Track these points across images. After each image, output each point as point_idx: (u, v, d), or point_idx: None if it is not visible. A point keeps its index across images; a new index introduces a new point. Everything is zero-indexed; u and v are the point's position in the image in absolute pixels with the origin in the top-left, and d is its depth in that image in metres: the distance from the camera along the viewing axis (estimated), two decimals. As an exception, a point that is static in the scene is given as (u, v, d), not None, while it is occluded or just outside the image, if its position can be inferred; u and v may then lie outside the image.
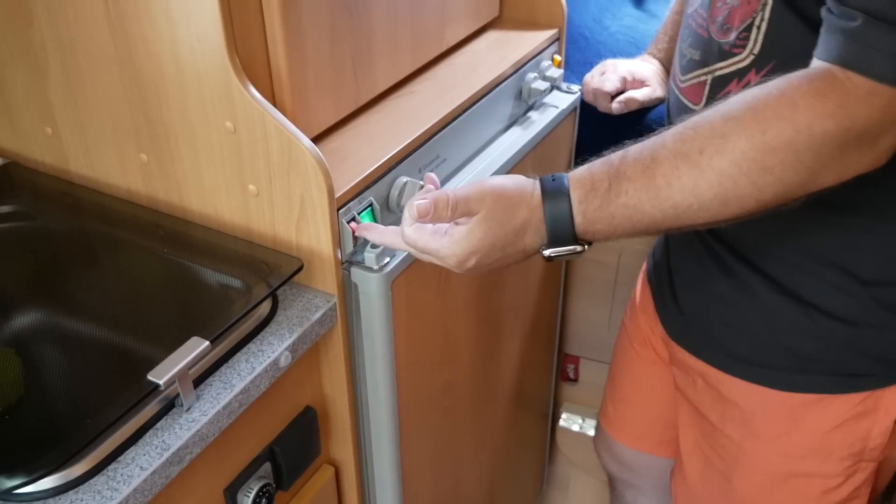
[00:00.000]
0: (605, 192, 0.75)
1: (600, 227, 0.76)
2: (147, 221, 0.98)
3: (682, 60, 0.98)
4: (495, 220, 0.77)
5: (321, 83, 0.92)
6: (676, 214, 0.74)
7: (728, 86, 0.89)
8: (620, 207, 0.74)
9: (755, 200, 0.73)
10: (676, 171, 0.72)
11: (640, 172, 0.74)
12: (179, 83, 0.86)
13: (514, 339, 1.36)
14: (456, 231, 0.78)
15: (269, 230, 0.91)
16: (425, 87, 1.09)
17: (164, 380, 0.72)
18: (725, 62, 0.89)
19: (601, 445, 1.43)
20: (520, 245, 0.79)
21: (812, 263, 0.92)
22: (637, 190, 0.74)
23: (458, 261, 0.79)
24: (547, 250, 0.78)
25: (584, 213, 0.76)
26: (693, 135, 0.73)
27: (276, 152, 0.84)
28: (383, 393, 0.98)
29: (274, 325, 0.87)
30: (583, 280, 1.56)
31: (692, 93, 0.95)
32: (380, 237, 0.87)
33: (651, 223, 0.75)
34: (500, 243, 0.78)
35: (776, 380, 0.99)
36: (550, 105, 1.24)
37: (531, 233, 0.78)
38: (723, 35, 0.89)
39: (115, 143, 0.96)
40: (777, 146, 0.70)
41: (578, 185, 0.76)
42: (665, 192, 0.73)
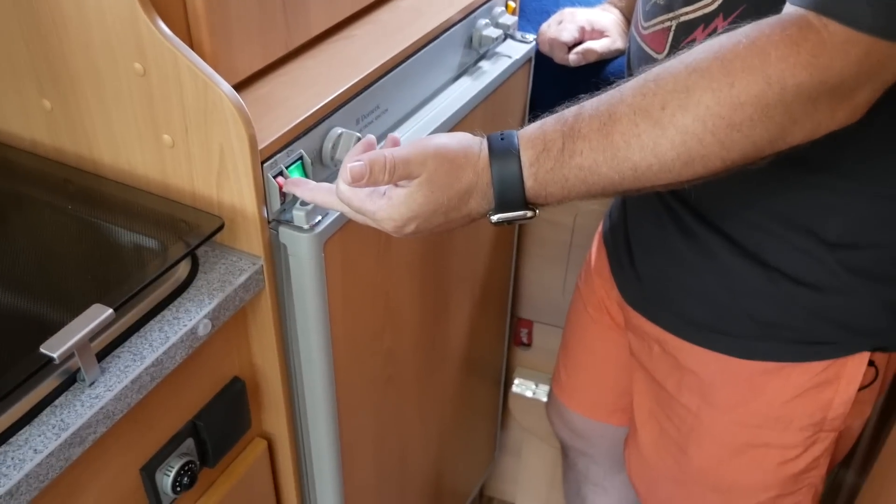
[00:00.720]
0: (559, 153, 0.69)
1: (553, 191, 0.71)
2: (54, 176, 0.89)
3: (645, 6, 0.92)
4: (437, 184, 0.71)
5: (245, 22, 0.83)
6: (636, 176, 0.69)
7: (693, 32, 0.83)
8: (574, 169, 0.69)
9: (721, 160, 0.67)
10: (636, 128, 0.67)
11: (596, 130, 0.68)
12: (81, 18, 0.77)
13: (464, 303, 1.30)
14: (395, 193, 0.72)
15: (187, 185, 0.82)
16: (366, 32, 1.00)
17: (58, 352, 0.64)
18: (691, 6, 0.83)
19: (553, 412, 1.39)
20: (464, 210, 0.73)
21: (776, 225, 0.88)
22: (593, 150, 0.68)
23: (395, 225, 0.73)
24: (494, 216, 0.73)
25: (536, 176, 0.70)
26: (654, 88, 0.67)
27: (191, 98, 0.75)
28: (318, 362, 0.91)
29: (193, 289, 0.79)
30: (536, 241, 1.51)
31: (655, 40, 0.89)
32: (310, 194, 0.79)
33: (608, 185, 0.70)
34: (442, 208, 0.72)
35: (736, 347, 0.96)
36: (503, 55, 1.17)
37: (477, 197, 0.72)
38: None
39: (14, 88, 0.87)
40: (746, 100, 0.64)
41: (529, 146, 0.70)
42: (623, 152, 0.67)
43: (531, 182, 0.70)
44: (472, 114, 1.09)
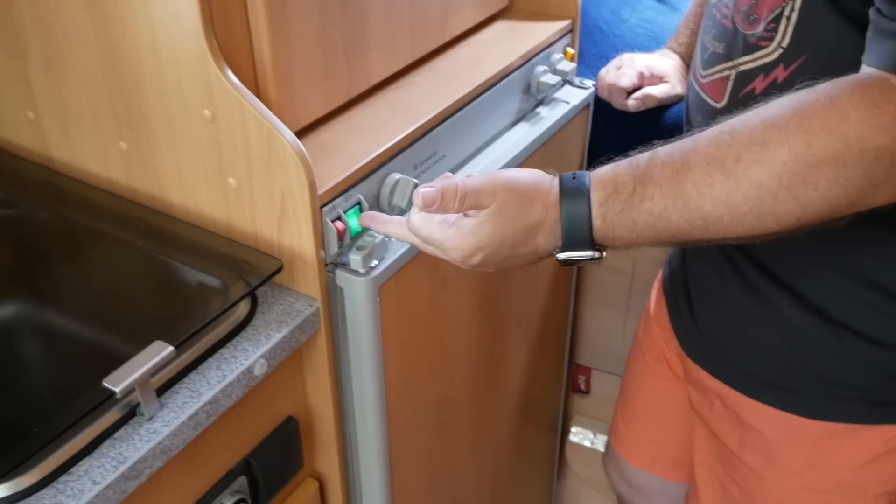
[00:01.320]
0: (629, 196, 0.69)
1: (620, 234, 0.70)
2: (127, 214, 0.93)
3: (703, 54, 0.91)
4: (506, 216, 0.72)
5: (309, 72, 0.86)
6: (706, 226, 0.68)
7: (753, 81, 0.83)
8: (644, 214, 0.69)
9: (795, 217, 0.66)
10: (709, 178, 0.66)
11: (668, 177, 0.68)
12: (157, 67, 0.80)
13: (521, 348, 1.30)
14: (464, 223, 0.73)
15: (249, 227, 0.85)
16: (425, 79, 1.03)
17: (120, 387, 0.67)
18: (751, 56, 0.83)
19: (611, 465, 1.36)
20: (531, 245, 0.73)
21: (844, 279, 0.85)
22: (664, 196, 0.68)
23: (462, 255, 0.74)
24: (561, 254, 0.73)
25: (604, 217, 0.70)
26: (730, 140, 0.67)
27: (256, 144, 0.78)
28: (371, 405, 0.92)
29: (251, 329, 0.81)
30: (596, 287, 1.50)
31: (714, 89, 0.89)
32: (383, 226, 0.82)
33: (677, 233, 0.69)
34: (509, 241, 0.73)
35: (802, 406, 0.92)
36: (561, 100, 1.18)
37: (545, 233, 0.72)
38: (749, 26, 0.82)
39: (95, 130, 0.91)
40: (823, 159, 0.63)
41: (600, 186, 0.70)
42: (695, 201, 0.67)
43: (599, 223, 0.70)
44: (529, 159, 1.10)
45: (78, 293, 0.87)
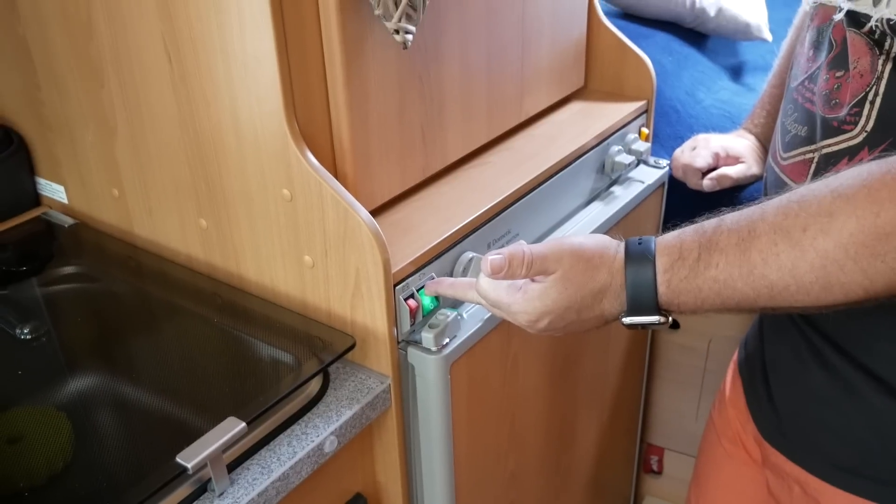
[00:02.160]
0: (694, 263, 0.69)
1: (686, 300, 0.70)
2: (204, 289, 0.95)
3: (784, 136, 0.90)
4: (572, 282, 0.73)
5: (386, 152, 0.88)
6: (771, 295, 0.67)
7: (837, 165, 0.81)
8: (709, 281, 0.69)
9: (863, 289, 0.65)
10: (775, 247, 0.66)
11: (734, 245, 0.68)
12: (238, 147, 0.83)
13: (592, 426, 1.27)
14: (531, 288, 0.74)
15: (323, 304, 0.86)
16: (501, 158, 1.04)
17: (192, 463, 0.67)
18: (834, 139, 0.81)
19: (684, 549, 1.31)
20: (597, 309, 0.74)
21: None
22: (729, 264, 0.68)
23: (529, 319, 0.75)
24: (626, 318, 0.73)
25: (669, 283, 0.70)
26: (797, 209, 0.66)
27: (332, 223, 0.80)
28: (440, 483, 0.91)
29: (322, 405, 0.82)
30: (669, 366, 1.47)
31: (795, 171, 0.88)
32: (451, 290, 0.83)
33: (742, 300, 0.69)
34: (575, 306, 0.73)
35: (885, 495, 0.88)
36: (636, 180, 1.18)
37: (610, 298, 0.73)
38: (831, 110, 0.81)
39: (176, 207, 0.94)
40: (891, 231, 0.62)
41: (665, 252, 0.71)
42: (760, 269, 0.67)
43: (664, 288, 0.70)
44: (603, 238, 1.09)
45: (154, 366, 0.89)
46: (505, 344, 0.95)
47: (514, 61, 1.04)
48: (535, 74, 1.09)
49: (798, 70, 0.90)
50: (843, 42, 0.81)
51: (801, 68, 0.89)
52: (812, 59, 0.87)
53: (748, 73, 1.53)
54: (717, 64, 1.52)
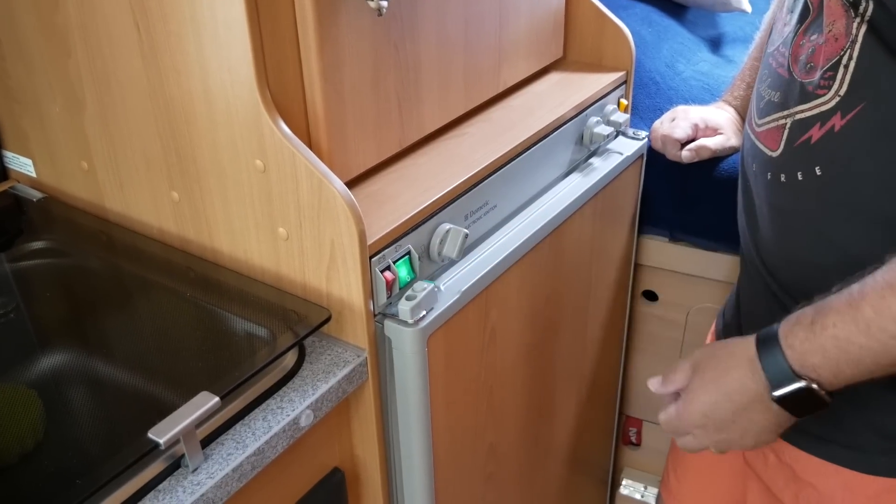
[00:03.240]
0: (810, 325, 0.74)
1: (816, 361, 0.74)
2: (177, 263, 0.94)
3: (759, 103, 0.90)
4: (707, 369, 0.81)
5: (361, 122, 0.86)
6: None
7: (809, 130, 0.81)
8: (830, 339, 0.73)
9: None
10: (884, 300, 0.69)
11: (845, 303, 0.72)
12: (210, 118, 0.81)
13: (570, 399, 1.27)
14: (683, 393, 0.83)
15: (298, 277, 0.85)
16: (478, 129, 1.02)
17: (165, 438, 0.66)
18: (808, 104, 0.81)
19: (662, 518, 1.32)
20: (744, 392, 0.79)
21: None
22: (844, 322, 0.72)
23: (691, 421, 0.83)
24: (775, 391, 0.77)
25: (793, 346, 0.75)
26: None
27: (306, 194, 0.78)
28: (418, 456, 0.91)
29: (298, 379, 0.81)
30: (647, 338, 1.48)
31: (769, 138, 0.87)
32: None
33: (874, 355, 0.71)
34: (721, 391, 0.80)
35: (859, 461, 0.90)
36: (615, 151, 1.17)
37: (750, 373, 0.78)
38: (806, 75, 0.81)
39: (147, 180, 0.92)
40: None
41: (785, 322, 0.77)
42: (877, 322, 0.70)
43: (790, 352, 0.75)
44: (581, 210, 1.09)
45: (126, 342, 0.88)
46: (482, 316, 0.95)
47: (491, 31, 1.02)
48: (513, 45, 1.07)
49: (775, 35, 0.90)
50: (819, 6, 0.80)
51: (778, 33, 0.89)
52: (788, 23, 0.86)
53: (727, 44, 1.52)
54: (696, 35, 1.51)
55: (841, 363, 0.73)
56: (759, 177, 0.89)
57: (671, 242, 1.35)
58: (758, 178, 0.90)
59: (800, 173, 0.82)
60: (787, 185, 0.84)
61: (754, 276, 0.95)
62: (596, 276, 1.23)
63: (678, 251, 1.35)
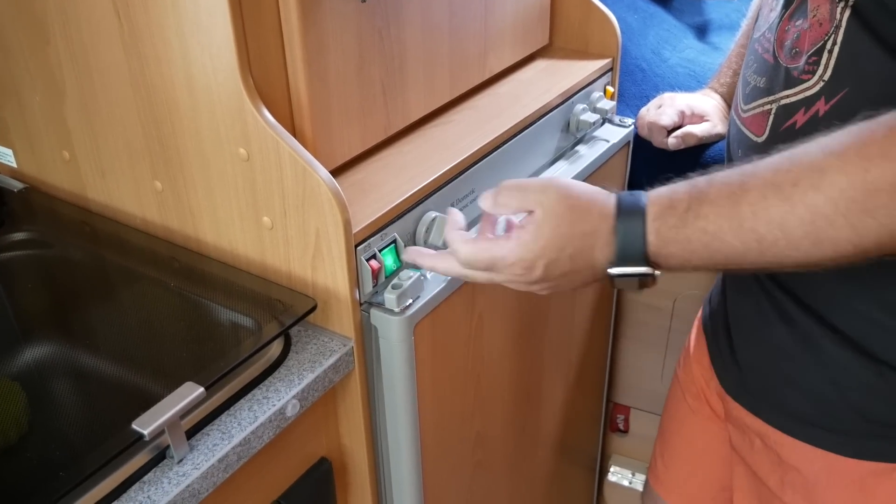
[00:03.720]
0: (684, 213, 0.68)
1: (674, 251, 0.69)
2: (161, 253, 0.93)
3: (745, 88, 0.90)
4: (563, 218, 0.71)
5: (346, 110, 0.86)
6: (760, 249, 0.67)
7: (794, 115, 0.81)
8: (698, 232, 0.68)
9: (852, 245, 0.65)
10: (765, 201, 0.66)
11: (724, 197, 0.67)
12: (192, 106, 0.80)
13: (558, 386, 1.27)
14: (523, 232, 0.72)
15: (283, 266, 0.84)
16: (464, 117, 1.02)
17: (149, 430, 0.66)
18: (792, 89, 0.81)
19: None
20: (588, 257, 0.72)
21: (885, 315, 0.83)
22: (719, 216, 0.67)
23: (524, 267, 0.72)
24: (614, 269, 0.71)
25: (658, 232, 0.69)
26: (788, 166, 0.66)
27: (291, 183, 0.78)
28: (405, 444, 0.91)
29: (284, 369, 0.80)
30: (634, 325, 1.48)
31: (754, 123, 0.87)
32: (430, 261, 0.79)
33: (731, 255, 0.68)
34: (569, 248, 0.72)
35: (843, 445, 0.90)
36: (601, 139, 1.17)
37: (600, 244, 0.71)
38: (791, 60, 0.81)
39: (130, 170, 0.91)
40: (881, 186, 0.62)
41: (656, 202, 0.70)
42: (750, 222, 0.66)
43: (653, 237, 0.69)
44: (568, 198, 1.08)
45: (111, 333, 0.87)
46: (469, 304, 0.94)
47: (477, 18, 1.02)
48: (498, 32, 1.07)
49: (761, 21, 0.90)
50: None
51: (764, 18, 0.89)
52: (774, 8, 0.86)
53: (713, 32, 1.52)
54: (682, 22, 1.51)
55: (696, 255, 0.69)
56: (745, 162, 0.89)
57: (658, 229, 1.35)
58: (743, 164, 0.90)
59: None
60: None
61: (739, 262, 0.95)
62: (583, 264, 1.22)
63: (665, 238, 1.35)
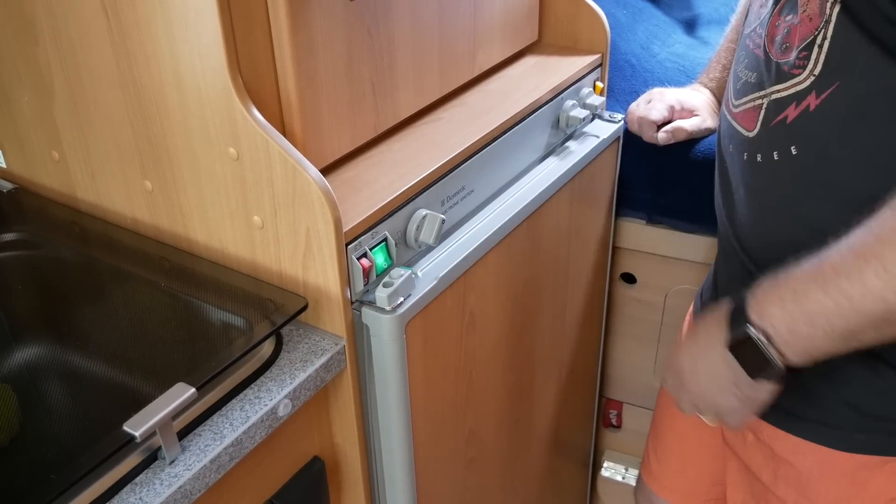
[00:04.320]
0: (774, 278, 0.76)
1: (773, 311, 0.75)
2: (151, 253, 0.92)
3: (736, 84, 0.90)
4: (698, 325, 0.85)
5: (335, 108, 0.86)
6: (851, 305, 0.71)
7: (785, 110, 0.81)
8: (789, 291, 0.75)
9: None
10: (842, 260, 0.72)
11: (810, 265, 0.74)
12: (182, 105, 0.80)
13: (550, 382, 1.28)
14: None
15: (274, 265, 0.84)
16: (454, 114, 1.02)
17: (140, 431, 0.66)
18: (784, 84, 0.81)
19: (643, 499, 1.33)
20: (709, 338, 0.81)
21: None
22: (804, 278, 0.74)
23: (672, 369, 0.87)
24: (731, 333, 0.79)
25: (755, 295, 0.77)
26: (863, 228, 0.71)
27: (281, 182, 0.77)
28: (398, 443, 0.91)
29: (275, 368, 0.80)
30: (626, 321, 1.48)
31: (746, 118, 0.88)
32: None
33: (832, 317, 0.72)
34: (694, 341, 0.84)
35: (835, 438, 0.90)
36: (591, 135, 1.17)
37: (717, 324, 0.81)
38: (782, 55, 0.81)
39: (119, 170, 0.91)
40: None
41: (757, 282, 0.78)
42: (833, 279, 0.72)
43: (751, 300, 0.77)
44: (558, 194, 1.08)
45: (102, 334, 0.87)
46: (460, 302, 0.94)
47: (466, 15, 1.01)
48: (487, 28, 1.07)
49: (752, 17, 0.90)
50: None
51: (755, 14, 0.89)
52: (765, 4, 0.86)
53: (702, 26, 1.52)
54: (671, 17, 1.51)
55: (797, 317, 0.73)
56: (736, 157, 0.90)
57: (649, 225, 1.35)
58: (734, 159, 0.90)
59: (776, 153, 0.83)
60: (763, 164, 0.84)
61: (731, 257, 0.96)
62: (574, 260, 1.23)
63: (656, 234, 1.35)
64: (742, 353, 0.78)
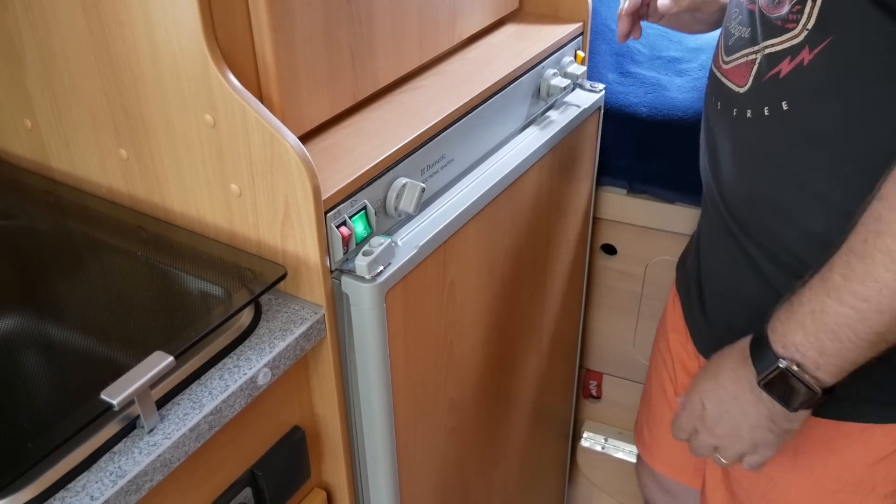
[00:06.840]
0: (788, 305, 0.76)
1: (798, 339, 0.75)
2: (128, 222, 0.91)
3: (728, 40, 0.90)
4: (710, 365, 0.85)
5: (314, 75, 0.84)
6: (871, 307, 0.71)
7: (779, 64, 0.81)
8: (807, 314, 0.74)
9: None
10: (849, 265, 0.71)
11: (816, 279, 0.74)
12: (156, 71, 0.79)
13: (531, 353, 1.28)
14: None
15: (253, 234, 0.83)
16: (433, 82, 1.01)
17: (118, 399, 0.65)
18: (777, 38, 0.81)
19: (645, 473, 1.33)
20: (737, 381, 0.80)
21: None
22: (817, 294, 0.74)
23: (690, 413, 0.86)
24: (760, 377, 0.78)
25: (774, 329, 0.77)
26: (858, 228, 0.71)
27: (258, 149, 0.76)
28: (378, 412, 0.90)
29: (255, 337, 0.79)
30: (606, 292, 1.48)
31: (737, 74, 0.87)
32: None
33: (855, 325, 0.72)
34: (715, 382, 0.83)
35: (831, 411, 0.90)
36: (572, 104, 1.16)
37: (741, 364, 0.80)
38: (774, 9, 0.81)
39: (94, 138, 0.89)
40: None
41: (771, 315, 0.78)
42: (846, 287, 0.72)
43: (772, 335, 0.77)
44: (539, 163, 1.08)
45: (78, 304, 0.85)
46: (441, 271, 0.94)
47: (445, -19, 1.00)
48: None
49: None
50: None
51: None
52: None
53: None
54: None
55: (821, 337, 0.73)
56: (724, 114, 0.89)
57: (630, 195, 1.35)
58: (721, 116, 0.90)
59: (766, 108, 0.82)
60: (752, 120, 0.84)
61: (714, 219, 0.96)
62: (555, 230, 1.22)
63: (636, 204, 1.35)
64: (775, 388, 0.77)
